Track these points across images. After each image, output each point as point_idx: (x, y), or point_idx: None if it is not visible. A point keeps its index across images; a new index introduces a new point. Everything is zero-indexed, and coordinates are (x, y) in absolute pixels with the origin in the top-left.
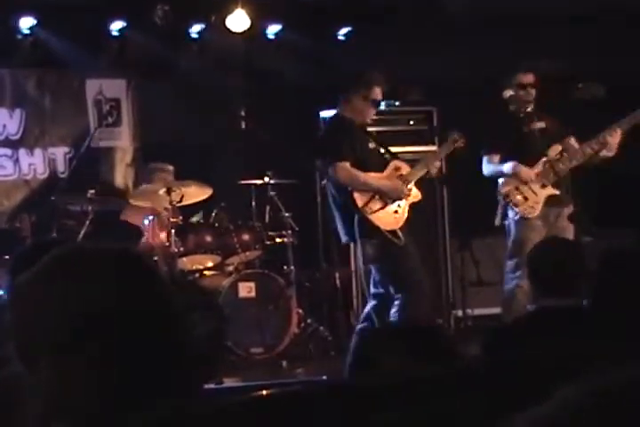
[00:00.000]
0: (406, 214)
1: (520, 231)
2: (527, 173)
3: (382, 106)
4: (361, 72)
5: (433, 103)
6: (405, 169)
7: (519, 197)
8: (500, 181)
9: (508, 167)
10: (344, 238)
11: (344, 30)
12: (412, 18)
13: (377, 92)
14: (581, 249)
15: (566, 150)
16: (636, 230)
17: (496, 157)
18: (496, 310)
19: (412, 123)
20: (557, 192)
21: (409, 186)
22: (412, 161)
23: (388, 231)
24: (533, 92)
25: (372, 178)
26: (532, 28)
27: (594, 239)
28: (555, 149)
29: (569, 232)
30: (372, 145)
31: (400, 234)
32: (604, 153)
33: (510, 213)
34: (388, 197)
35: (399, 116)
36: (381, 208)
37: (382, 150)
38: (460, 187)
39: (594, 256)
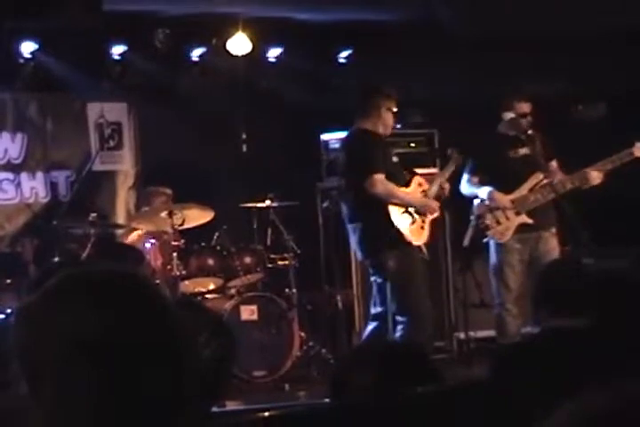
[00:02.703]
0: (428, 230)
1: (498, 255)
2: (502, 199)
3: None
4: (376, 86)
5: (434, 126)
6: (425, 186)
7: (492, 221)
8: (476, 202)
9: (483, 192)
10: (364, 257)
11: (345, 53)
12: (413, 40)
13: (395, 104)
14: (586, 270)
15: (548, 183)
16: (636, 249)
17: (475, 179)
18: None
19: (412, 145)
20: (530, 221)
21: None
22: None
23: (417, 246)
24: (530, 119)
25: (405, 192)
26: (533, 50)
27: (595, 260)
28: (535, 177)
29: (554, 255)
30: (395, 159)
31: (425, 250)
32: (584, 186)
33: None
34: (418, 212)
35: (400, 139)
36: (411, 224)
37: (401, 164)
38: (461, 208)
39: (595, 277)
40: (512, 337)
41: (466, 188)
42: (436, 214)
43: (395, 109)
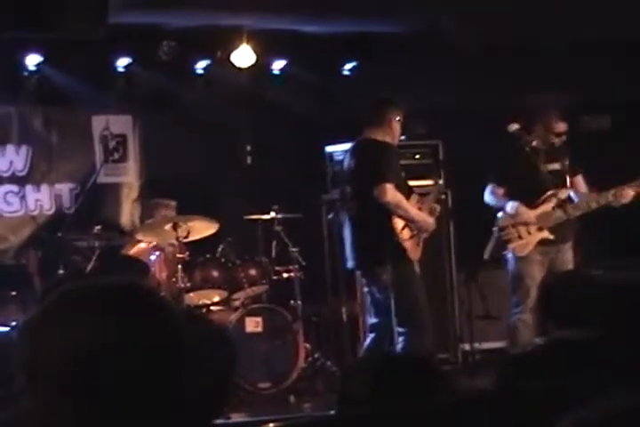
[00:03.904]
0: (422, 248)
1: (518, 266)
2: (528, 215)
3: None
4: (387, 97)
5: (438, 137)
6: (420, 203)
7: (514, 235)
8: (500, 215)
9: (510, 207)
10: (351, 264)
11: (349, 65)
12: (417, 52)
13: (402, 114)
14: (595, 282)
15: (574, 198)
16: None
17: (501, 190)
18: (504, 344)
19: (417, 157)
20: (552, 237)
21: None
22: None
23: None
24: (564, 139)
25: (410, 206)
26: (538, 61)
27: (604, 272)
28: (563, 193)
29: (569, 265)
30: (402, 174)
31: (417, 267)
32: (612, 204)
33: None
34: (416, 228)
35: (405, 151)
36: (410, 237)
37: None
38: (466, 220)
39: (605, 289)
40: (523, 348)
41: (490, 198)
42: (429, 231)
43: (401, 120)
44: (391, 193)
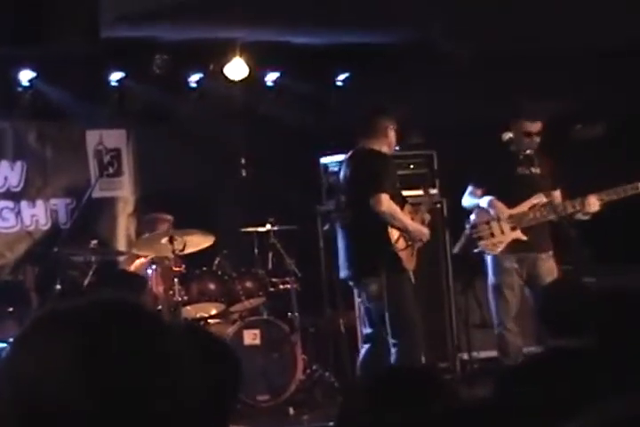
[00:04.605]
0: (416, 258)
1: (497, 276)
2: (502, 209)
3: None
4: (381, 106)
5: (432, 147)
6: (413, 214)
7: (486, 232)
8: (475, 211)
9: (485, 201)
10: (344, 273)
11: (342, 76)
12: (410, 62)
13: (395, 123)
14: (588, 290)
15: (549, 203)
16: (636, 267)
17: (479, 191)
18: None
19: (412, 167)
20: (524, 238)
21: None
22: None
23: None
24: (538, 139)
25: (405, 216)
26: (531, 70)
27: (596, 279)
28: (537, 197)
29: (552, 276)
30: (398, 184)
31: (412, 276)
32: (579, 216)
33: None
34: (410, 238)
35: (399, 161)
36: (405, 248)
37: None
38: (462, 229)
39: (597, 296)
40: (514, 357)
41: (467, 200)
42: (423, 241)
43: (395, 128)
44: (387, 203)
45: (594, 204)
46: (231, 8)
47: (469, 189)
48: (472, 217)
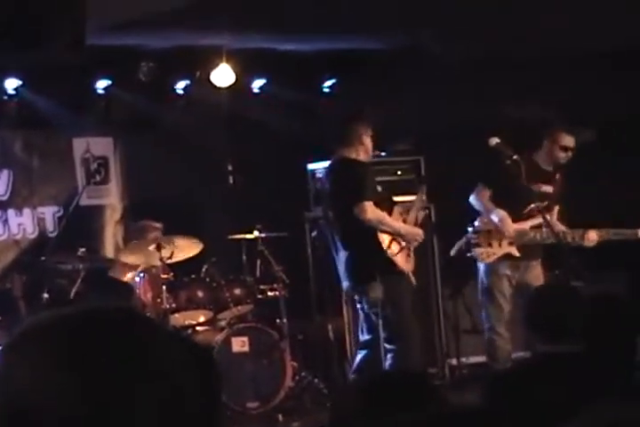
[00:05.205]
0: (414, 258)
1: (488, 280)
2: (509, 228)
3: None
4: (354, 113)
5: (420, 152)
6: (405, 214)
7: (485, 241)
8: (481, 218)
9: (496, 215)
10: (345, 284)
11: (329, 82)
12: (397, 68)
13: (371, 128)
14: (576, 295)
15: (549, 225)
16: (626, 273)
17: (487, 193)
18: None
19: (399, 173)
20: (517, 254)
21: None
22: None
23: (406, 274)
24: (570, 155)
25: (393, 220)
26: (519, 76)
27: (585, 284)
28: (538, 218)
29: (539, 282)
30: (379, 188)
31: (412, 278)
32: (576, 243)
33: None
34: (404, 240)
35: (386, 166)
36: (400, 251)
37: (385, 192)
38: (450, 234)
39: (584, 301)
40: (504, 362)
41: (475, 201)
42: (419, 241)
43: (371, 134)
44: (371, 210)
45: (593, 240)
46: (217, 15)
47: (478, 188)
48: (476, 223)
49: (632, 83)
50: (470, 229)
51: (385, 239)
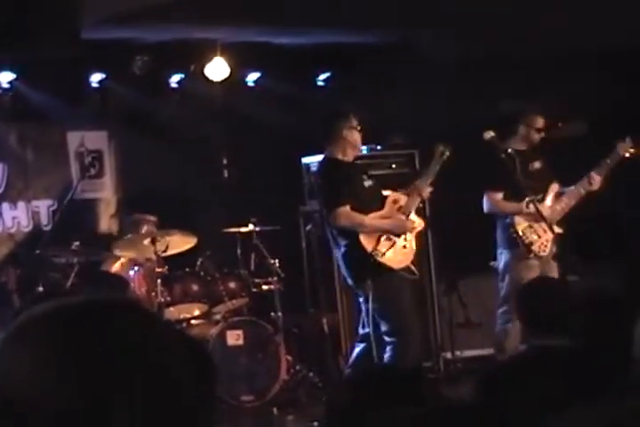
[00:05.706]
0: (414, 246)
1: (519, 272)
2: (544, 207)
3: (364, 150)
4: (331, 110)
5: (414, 146)
6: (403, 200)
7: (534, 236)
8: (513, 219)
9: (520, 205)
10: (350, 282)
11: (323, 76)
12: (392, 63)
13: (357, 120)
14: (569, 288)
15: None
16: (619, 267)
17: (499, 195)
18: (485, 352)
19: (394, 166)
20: (561, 230)
21: (410, 217)
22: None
23: (402, 269)
24: (543, 135)
25: (374, 219)
26: (513, 70)
27: (579, 277)
28: (553, 188)
29: (555, 271)
30: (367, 183)
31: (413, 268)
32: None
33: (505, 256)
34: (393, 235)
35: (381, 160)
36: (390, 247)
37: (377, 186)
38: (444, 229)
39: (579, 294)
40: (511, 353)
41: (491, 206)
42: (418, 227)
43: (358, 127)
44: (344, 218)
45: (599, 181)
46: (211, 9)
47: (487, 195)
48: (514, 224)
49: (632, 83)
50: (514, 235)
51: (371, 239)
